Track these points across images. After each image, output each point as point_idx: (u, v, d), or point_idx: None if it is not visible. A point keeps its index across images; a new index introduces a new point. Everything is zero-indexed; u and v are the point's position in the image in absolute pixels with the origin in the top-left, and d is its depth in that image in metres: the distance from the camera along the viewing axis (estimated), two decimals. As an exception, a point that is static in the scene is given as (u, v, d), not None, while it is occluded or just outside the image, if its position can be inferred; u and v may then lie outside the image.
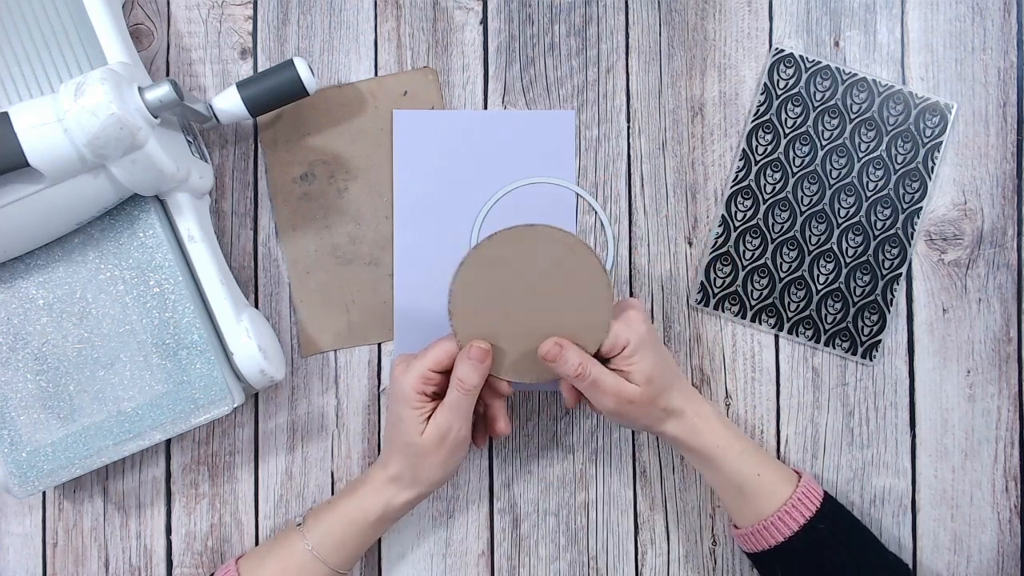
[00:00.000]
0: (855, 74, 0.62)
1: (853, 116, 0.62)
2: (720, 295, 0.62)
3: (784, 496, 0.54)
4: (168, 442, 0.62)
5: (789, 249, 0.62)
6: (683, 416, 0.54)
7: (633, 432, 0.62)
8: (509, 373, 0.54)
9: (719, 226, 0.62)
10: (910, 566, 0.61)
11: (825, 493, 0.55)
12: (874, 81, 0.62)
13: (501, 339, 0.53)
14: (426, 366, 0.52)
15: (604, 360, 0.53)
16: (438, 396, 0.54)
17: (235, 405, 0.55)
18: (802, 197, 0.62)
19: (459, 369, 0.52)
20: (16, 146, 0.46)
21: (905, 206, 0.62)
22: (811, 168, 0.62)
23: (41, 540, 0.62)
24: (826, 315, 0.62)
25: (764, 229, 0.62)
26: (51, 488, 0.61)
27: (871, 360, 0.62)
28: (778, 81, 0.62)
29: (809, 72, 0.62)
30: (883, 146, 0.62)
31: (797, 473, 0.57)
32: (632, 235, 0.63)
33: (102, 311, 0.55)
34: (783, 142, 0.62)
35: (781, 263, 0.62)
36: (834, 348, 0.62)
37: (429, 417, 0.53)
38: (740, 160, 0.62)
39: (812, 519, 0.53)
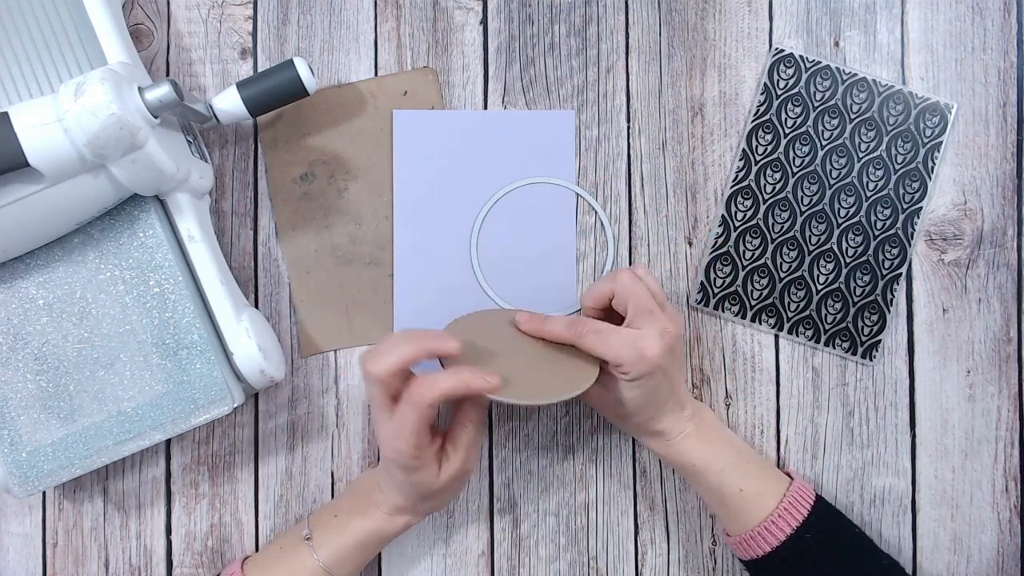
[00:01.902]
0: (855, 74, 0.62)
1: (853, 116, 0.62)
2: (720, 295, 0.62)
3: (770, 507, 0.54)
4: (168, 442, 0.62)
5: (789, 249, 0.62)
6: (664, 435, 0.55)
7: (633, 432, 0.62)
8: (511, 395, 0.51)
9: (719, 226, 0.62)
10: (908, 569, 0.61)
11: (817, 499, 0.55)
12: (874, 81, 0.62)
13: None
14: (414, 443, 0.49)
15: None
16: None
17: (235, 405, 0.55)
18: (802, 197, 0.62)
19: (471, 413, 0.53)
20: (16, 146, 0.46)
21: (905, 206, 0.62)
22: (811, 168, 0.62)
23: (41, 540, 0.62)
24: (826, 315, 0.62)
25: (764, 229, 0.62)
26: (51, 488, 0.61)
27: (871, 360, 0.62)
28: (778, 81, 0.62)
29: (809, 72, 0.62)
30: (883, 146, 0.62)
31: (790, 476, 0.57)
32: (632, 235, 0.63)
33: (102, 311, 0.55)
34: (783, 142, 0.62)
35: (781, 263, 0.62)
36: (834, 348, 0.62)
37: (437, 455, 0.52)
38: (740, 160, 0.62)
39: (799, 528, 0.53)
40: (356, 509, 0.55)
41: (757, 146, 0.62)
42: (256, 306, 0.62)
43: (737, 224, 0.62)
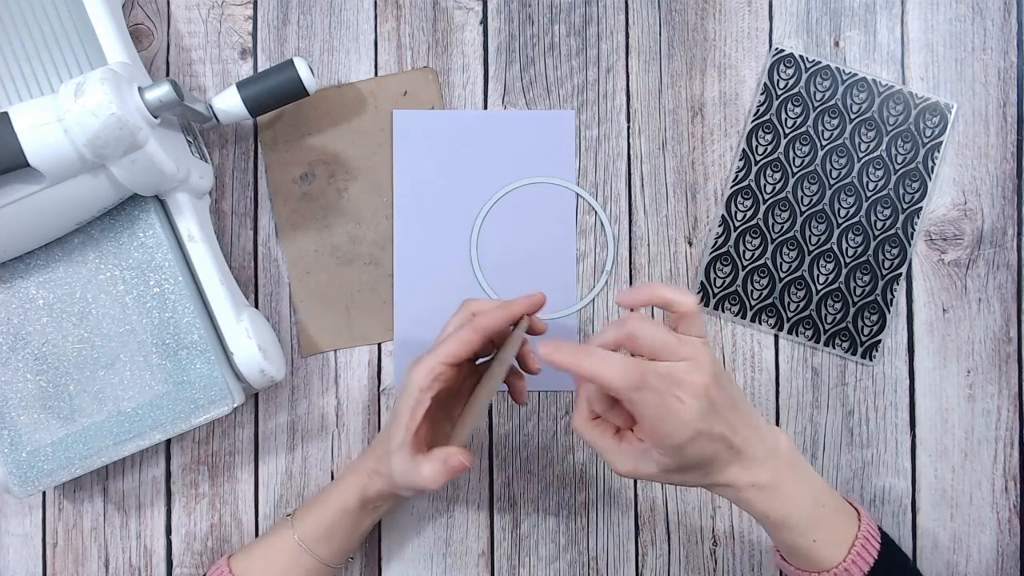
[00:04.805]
0: (855, 74, 0.62)
1: (853, 116, 0.62)
2: (720, 295, 0.62)
3: (839, 556, 0.48)
4: (168, 442, 0.62)
5: (789, 249, 0.62)
6: (731, 486, 0.46)
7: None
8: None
9: (719, 226, 0.62)
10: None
11: (882, 541, 0.49)
12: (874, 81, 0.62)
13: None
14: (439, 359, 0.49)
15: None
16: (444, 391, 0.51)
17: (235, 405, 0.55)
18: (802, 197, 0.62)
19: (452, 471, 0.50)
20: (16, 146, 0.46)
21: (905, 206, 0.62)
22: (811, 168, 0.62)
23: (41, 540, 0.62)
24: (826, 315, 0.62)
25: (764, 229, 0.62)
26: (51, 488, 0.61)
27: (871, 360, 0.62)
28: (778, 81, 0.62)
29: (809, 72, 0.62)
30: (883, 146, 0.62)
31: (857, 511, 0.50)
32: (632, 235, 0.63)
33: (102, 311, 0.55)
34: (783, 142, 0.62)
35: (781, 263, 0.62)
36: (834, 348, 0.62)
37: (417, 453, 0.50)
38: (740, 160, 0.62)
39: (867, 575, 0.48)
40: (335, 480, 0.56)
41: (757, 146, 0.62)
42: (256, 306, 0.62)
43: (737, 224, 0.62)
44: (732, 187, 0.62)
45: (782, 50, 0.62)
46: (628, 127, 0.63)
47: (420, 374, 0.49)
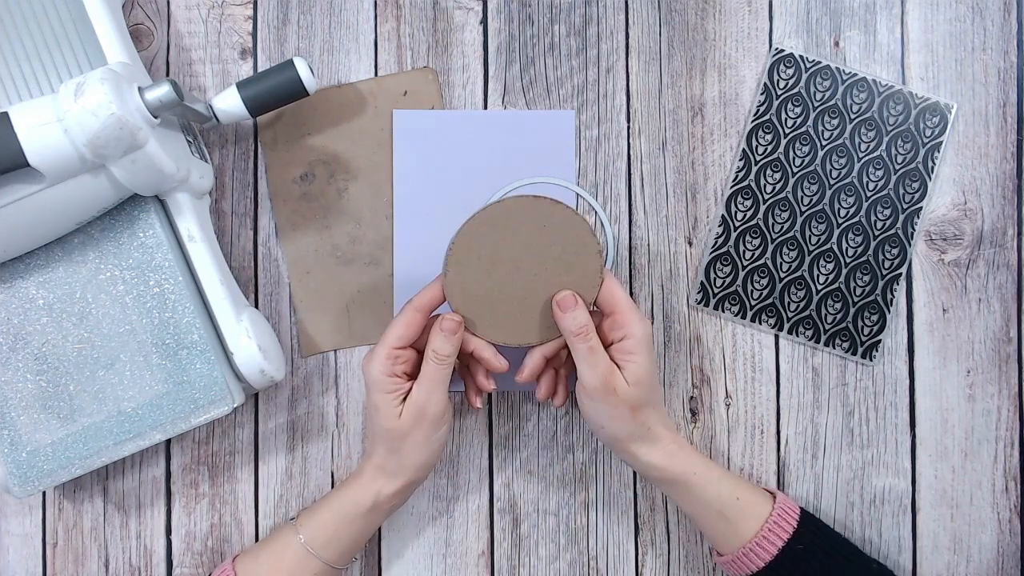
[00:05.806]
0: (855, 74, 0.62)
1: (853, 116, 0.62)
2: (720, 295, 0.62)
3: (763, 516, 0.54)
4: (168, 442, 0.62)
5: (789, 249, 0.62)
6: (659, 440, 0.54)
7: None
8: (492, 333, 0.54)
9: (719, 226, 0.62)
10: (908, 569, 0.61)
11: (801, 510, 0.55)
12: (874, 81, 0.62)
13: (490, 300, 0.54)
14: (388, 344, 0.52)
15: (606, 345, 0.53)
16: (410, 375, 0.54)
17: (235, 405, 0.55)
18: (802, 197, 0.62)
19: (433, 341, 0.52)
20: (16, 146, 0.46)
21: (905, 206, 0.62)
22: (811, 168, 0.62)
23: (41, 540, 0.62)
24: (826, 315, 0.62)
25: (764, 229, 0.62)
26: (51, 488, 0.61)
27: (871, 360, 0.62)
28: (778, 81, 0.62)
29: (809, 72, 0.62)
30: (883, 146, 0.62)
31: (771, 493, 0.57)
32: (632, 235, 0.63)
33: (102, 311, 0.55)
34: (783, 142, 0.62)
35: (781, 263, 0.62)
36: (834, 348, 0.62)
37: (404, 398, 0.53)
38: (740, 160, 0.62)
39: (791, 539, 0.53)
40: (339, 484, 0.56)
41: (757, 146, 0.62)
42: (256, 306, 0.62)
43: (737, 224, 0.62)
44: (732, 187, 0.62)
45: (782, 50, 0.62)
46: (628, 127, 0.63)
47: (375, 367, 0.52)
